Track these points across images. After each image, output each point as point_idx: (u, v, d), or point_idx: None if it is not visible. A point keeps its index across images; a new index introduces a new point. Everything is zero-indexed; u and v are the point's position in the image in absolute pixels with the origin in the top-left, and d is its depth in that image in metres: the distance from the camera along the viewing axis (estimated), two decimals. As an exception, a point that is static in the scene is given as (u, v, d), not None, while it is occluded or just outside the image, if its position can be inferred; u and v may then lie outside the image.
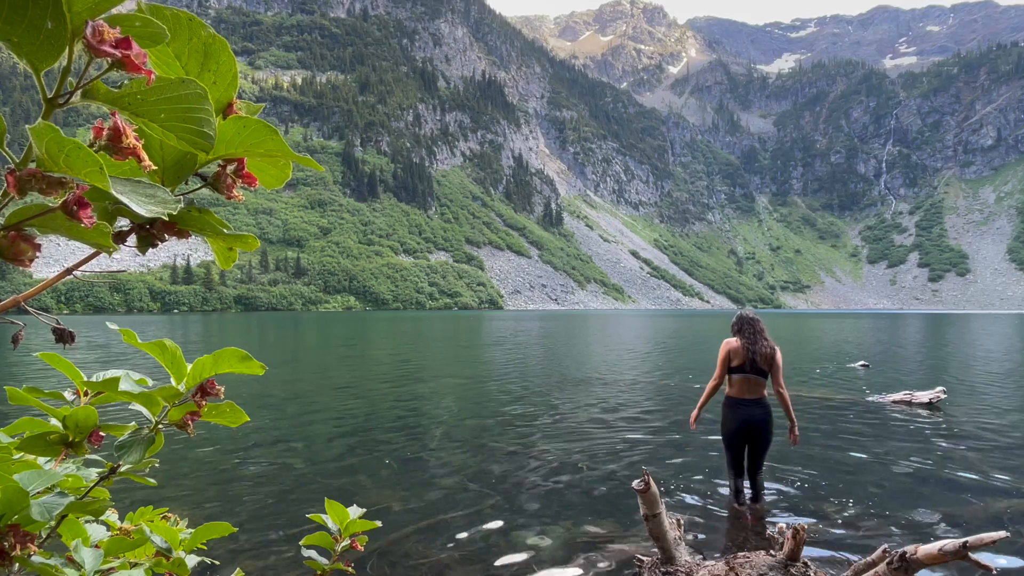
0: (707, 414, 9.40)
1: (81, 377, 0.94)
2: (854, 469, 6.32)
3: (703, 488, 5.61)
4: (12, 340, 0.78)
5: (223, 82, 0.64)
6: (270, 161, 0.71)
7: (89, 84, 0.55)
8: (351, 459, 6.61)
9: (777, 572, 3.03)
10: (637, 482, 3.32)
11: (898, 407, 10.11)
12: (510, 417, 9.05)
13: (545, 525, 4.64)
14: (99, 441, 0.92)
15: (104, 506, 0.93)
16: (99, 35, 0.51)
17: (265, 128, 0.66)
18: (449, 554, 4.12)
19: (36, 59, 0.51)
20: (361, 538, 1.40)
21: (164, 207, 0.58)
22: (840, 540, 4.40)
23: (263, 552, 4.12)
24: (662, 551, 3.41)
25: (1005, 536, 2.48)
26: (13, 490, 0.72)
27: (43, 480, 0.81)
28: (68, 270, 0.71)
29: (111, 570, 1.09)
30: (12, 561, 0.74)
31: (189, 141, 0.61)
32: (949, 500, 5.35)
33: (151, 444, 0.93)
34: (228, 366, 0.93)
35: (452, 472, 6.11)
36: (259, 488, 5.55)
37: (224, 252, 0.78)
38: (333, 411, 9.57)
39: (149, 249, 0.69)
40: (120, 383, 0.89)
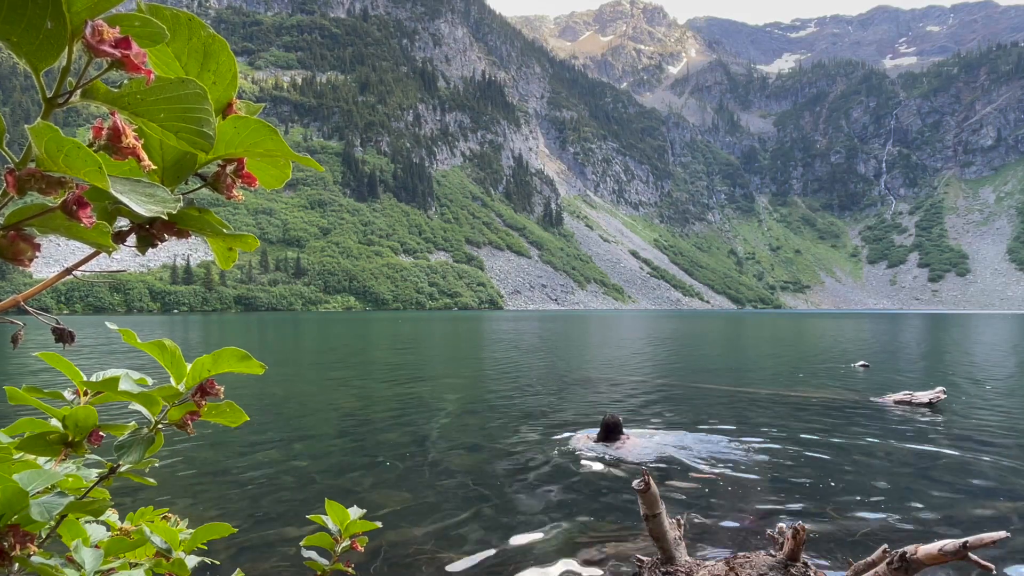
0: (709, 418, 9.39)
1: (80, 377, 0.94)
2: (854, 469, 6.32)
3: (703, 488, 5.61)
4: (12, 340, 0.78)
5: (223, 82, 0.64)
6: (270, 161, 0.71)
7: (89, 84, 0.55)
8: (351, 459, 6.61)
9: (777, 572, 3.03)
10: (637, 482, 3.32)
11: (898, 407, 10.11)
12: (510, 417, 9.05)
13: (545, 525, 4.64)
14: (99, 441, 0.92)
15: (104, 506, 0.92)
16: (98, 35, 0.51)
17: (265, 128, 0.66)
18: (449, 554, 4.11)
19: (36, 59, 0.51)
20: (361, 539, 1.40)
21: (164, 206, 0.58)
22: (840, 540, 4.40)
23: (263, 552, 4.12)
24: (662, 551, 3.41)
25: (1005, 536, 2.48)
26: (13, 490, 0.71)
27: (43, 480, 0.81)
28: (68, 270, 0.71)
29: (111, 570, 1.08)
30: (12, 561, 0.74)
31: (189, 141, 0.61)
32: (949, 500, 5.35)
33: (151, 444, 0.93)
34: (227, 366, 0.93)
35: (452, 472, 6.11)
36: (259, 488, 5.55)
37: (224, 252, 0.77)
38: (333, 411, 9.57)
39: (149, 249, 0.69)
40: (120, 383, 0.89)
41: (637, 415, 9.25)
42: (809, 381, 13.61)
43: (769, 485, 5.67)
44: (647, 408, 9.92)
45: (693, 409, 9.80)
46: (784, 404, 10.43)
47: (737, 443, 7.36)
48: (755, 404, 10.39)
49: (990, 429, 8.40)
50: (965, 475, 6.12)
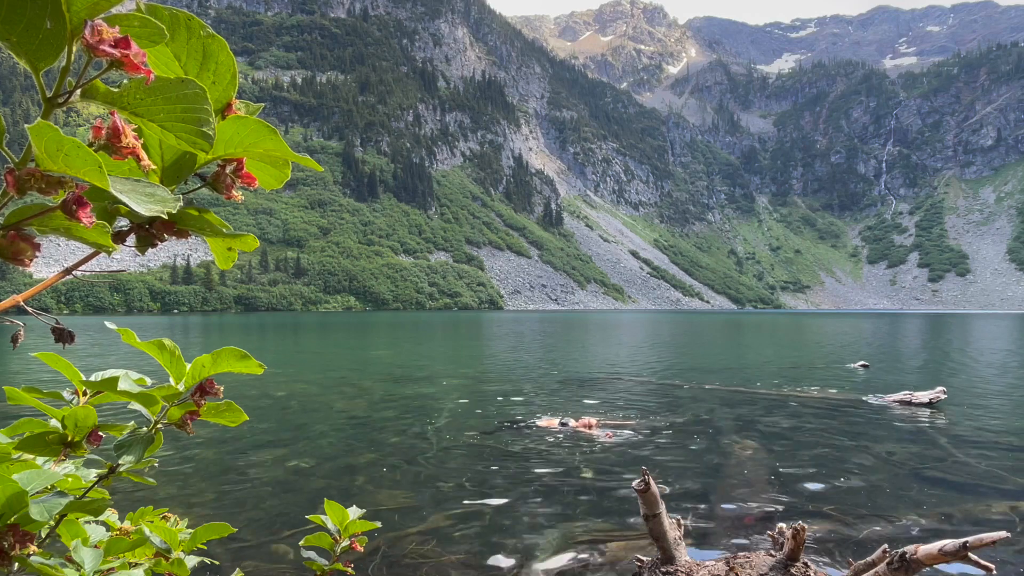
0: (705, 415, 9.39)
1: (80, 377, 0.94)
2: (854, 469, 6.31)
3: (703, 488, 5.61)
4: (12, 340, 0.78)
5: (222, 82, 0.65)
6: (269, 161, 0.71)
7: (88, 83, 0.55)
8: (351, 459, 6.61)
9: (777, 572, 3.03)
10: (637, 482, 3.31)
11: (898, 407, 10.11)
12: (510, 417, 9.04)
13: (545, 525, 4.64)
14: (98, 441, 0.91)
15: (103, 506, 0.92)
16: (98, 35, 0.51)
17: (264, 128, 0.66)
18: (449, 554, 4.11)
19: (35, 59, 0.51)
20: (361, 539, 1.40)
21: (164, 206, 0.58)
22: (840, 540, 4.40)
23: (263, 552, 4.12)
24: (662, 551, 3.40)
25: (1005, 536, 2.48)
26: (13, 490, 0.71)
27: (42, 480, 0.80)
28: (68, 270, 0.71)
29: (111, 570, 1.08)
30: (12, 561, 0.74)
31: (188, 141, 0.61)
32: (949, 500, 5.35)
33: (150, 444, 0.92)
34: (227, 365, 0.93)
35: (452, 472, 6.11)
36: (259, 488, 5.55)
37: (223, 252, 0.78)
38: (333, 411, 9.57)
39: (149, 249, 0.69)
40: (119, 382, 0.89)
41: (637, 415, 9.25)
42: (809, 381, 13.61)
43: (769, 485, 5.67)
44: (647, 408, 9.91)
45: (693, 409, 9.79)
46: (784, 404, 10.43)
47: (735, 443, 7.35)
48: (755, 404, 10.39)
49: (990, 429, 8.40)
50: (965, 475, 6.12)
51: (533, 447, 7.18)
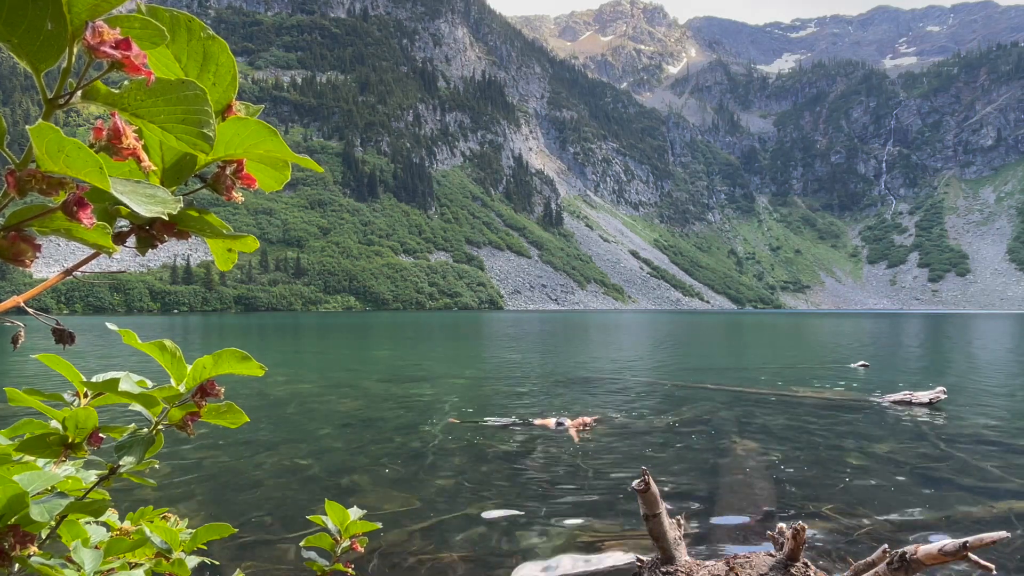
0: (705, 415, 9.40)
1: (80, 378, 0.93)
2: (854, 469, 6.32)
3: (703, 488, 5.61)
4: (12, 341, 0.78)
5: (222, 83, 0.65)
6: (269, 162, 0.71)
7: (89, 85, 0.55)
8: (351, 459, 6.61)
9: (777, 572, 3.03)
10: (637, 482, 3.32)
11: (898, 407, 10.11)
12: (509, 417, 9.04)
13: (545, 525, 4.64)
14: (99, 442, 0.92)
15: (103, 507, 0.92)
16: (99, 36, 0.51)
17: (264, 129, 0.66)
18: (449, 554, 4.11)
19: (36, 60, 0.52)
20: (361, 539, 1.40)
21: (164, 207, 0.59)
22: (840, 540, 4.40)
23: (263, 552, 4.12)
24: (662, 551, 3.41)
25: (1005, 536, 2.48)
26: (13, 491, 0.71)
27: (43, 481, 0.81)
28: (68, 270, 0.71)
29: (111, 570, 1.08)
30: (12, 561, 0.74)
31: (189, 142, 0.61)
32: (949, 500, 5.35)
33: (150, 445, 0.92)
34: (228, 367, 0.93)
35: (452, 472, 6.11)
36: (259, 489, 5.55)
37: (223, 253, 0.78)
38: (333, 411, 9.57)
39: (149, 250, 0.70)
40: (120, 384, 0.89)
41: (637, 415, 9.25)
42: (809, 381, 13.61)
43: (769, 485, 5.67)
44: (647, 408, 9.92)
45: (693, 408, 9.79)
46: (784, 404, 10.43)
47: (733, 442, 7.36)
48: (755, 404, 10.39)
49: (990, 429, 8.40)
50: (965, 475, 6.12)
51: (533, 447, 7.18)
